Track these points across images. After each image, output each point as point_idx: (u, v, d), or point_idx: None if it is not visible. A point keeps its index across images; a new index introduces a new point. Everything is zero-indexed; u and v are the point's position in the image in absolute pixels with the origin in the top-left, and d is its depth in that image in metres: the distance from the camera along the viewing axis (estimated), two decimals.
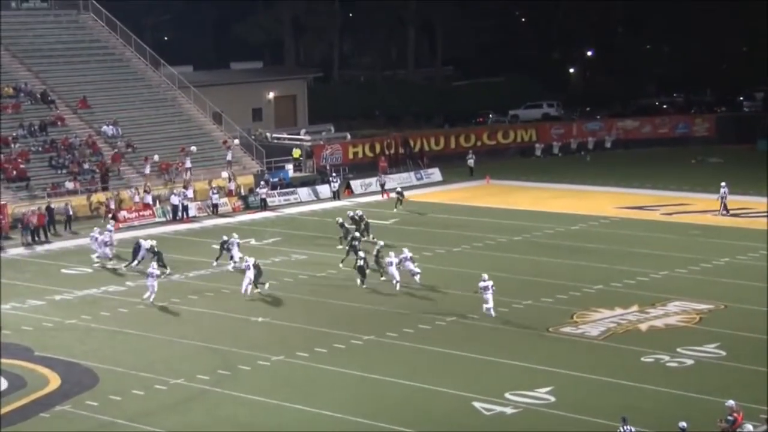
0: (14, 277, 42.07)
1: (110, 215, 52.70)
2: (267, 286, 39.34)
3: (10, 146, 56.86)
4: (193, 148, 60.23)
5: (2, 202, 51.25)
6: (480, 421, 26.92)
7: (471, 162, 66.87)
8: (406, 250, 40.42)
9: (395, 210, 51.73)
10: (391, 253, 40.31)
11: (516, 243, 47.22)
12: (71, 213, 52.44)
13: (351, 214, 47.81)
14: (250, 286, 38.71)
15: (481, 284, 35.65)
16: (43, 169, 56.75)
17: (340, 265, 42.85)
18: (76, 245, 49.24)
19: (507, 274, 39.62)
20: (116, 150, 59.44)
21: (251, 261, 39.24)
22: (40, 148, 57.69)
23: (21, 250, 48.08)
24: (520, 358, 31.35)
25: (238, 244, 43.35)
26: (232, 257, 42.86)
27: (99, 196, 55.16)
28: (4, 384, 29.91)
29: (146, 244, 43.37)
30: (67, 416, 27.57)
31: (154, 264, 40.05)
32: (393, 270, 39.33)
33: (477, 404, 27.79)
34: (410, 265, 39.84)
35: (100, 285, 41.11)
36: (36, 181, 55.41)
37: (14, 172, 55.00)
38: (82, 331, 35.44)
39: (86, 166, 57.32)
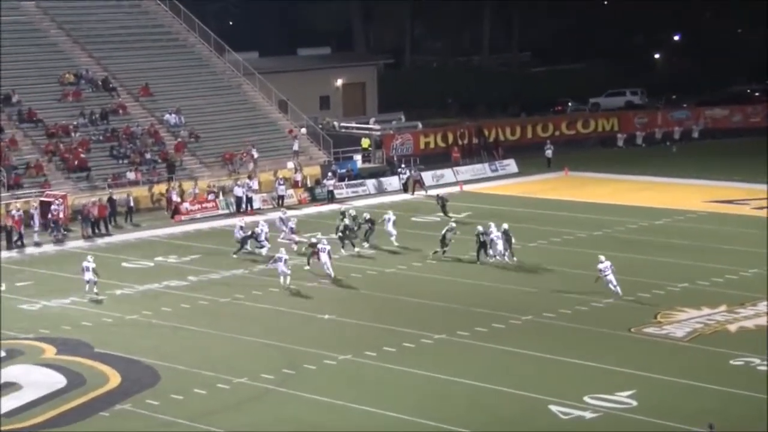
0: (75, 271, 42.62)
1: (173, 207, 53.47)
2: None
3: (71, 135, 57.72)
4: (254, 153, 59.97)
5: (62, 193, 52.04)
6: (557, 425, 26.72)
7: (549, 153, 66.42)
8: (505, 226, 42.74)
9: (451, 219, 49.44)
10: (491, 224, 42.72)
11: (596, 238, 46.81)
12: (132, 205, 53.07)
13: (343, 209, 47.98)
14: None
15: (600, 266, 36.84)
16: (104, 159, 57.53)
17: (433, 255, 43.36)
18: (137, 238, 49.85)
19: (586, 271, 39.28)
20: (179, 139, 60.04)
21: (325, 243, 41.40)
22: (101, 137, 58.49)
23: (81, 243, 48.77)
24: (600, 359, 31.06)
25: (394, 221, 45.77)
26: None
27: (161, 188, 55.77)
28: (63, 381, 30.37)
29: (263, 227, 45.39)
30: (127, 415, 27.91)
31: (283, 249, 40.78)
32: (498, 242, 41.89)
33: (554, 408, 27.59)
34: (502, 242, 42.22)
35: (161, 280, 41.57)
36: (97, 171, 56.18)
37: (75, 162, 55.81)
38: (143, 327, 35.88)
39: (148, 156, 57.99)
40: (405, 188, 59.33)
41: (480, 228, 42.88)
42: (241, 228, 45.65)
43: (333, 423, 27.23)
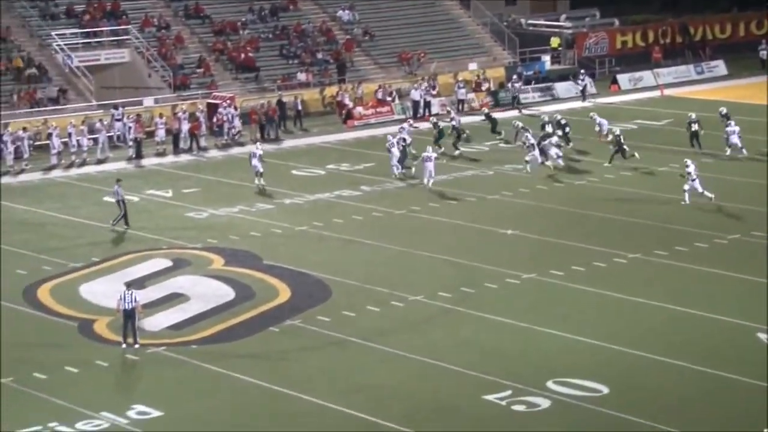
0: (243, 178, 43.86)
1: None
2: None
3: (239, 32, 58.84)
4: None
5: (230, 95, 53.26)
6: (765, 354, 26.28)
7: (764, 53, 64.48)
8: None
9: (433, 147, 45.23)
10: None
11: None
12: (300, 108, 53.91)
13: (518, 124, 47.85)
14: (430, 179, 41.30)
15: (689, 170, 37.90)
16: (274, 59, 58.51)
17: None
18: (307, 144, 50.73)
19: None
20: (351, 37, 60.47)
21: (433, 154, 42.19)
22: (270, 35, 59.42)
23: (249, 148, 49.76)
24: None
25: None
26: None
27: (332, 90, 56.45)
28: (232, 294, 31.44)
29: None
30: (298, 332, 28.74)
31: (430, 147, 42.63)
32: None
33: (762, 336, 27.16)
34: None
35: (332, 189, 42.31)
36: (266, 71, 57.21)
37: (242, 59, 56.67)
38: (313, 238, 36.70)
39: (320, 55, 58.67)
40: (583, 95, 58.28)
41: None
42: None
43: (515, 346, 27.46)
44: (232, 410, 24.36)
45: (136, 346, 27.63)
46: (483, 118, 51.08)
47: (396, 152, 43.43)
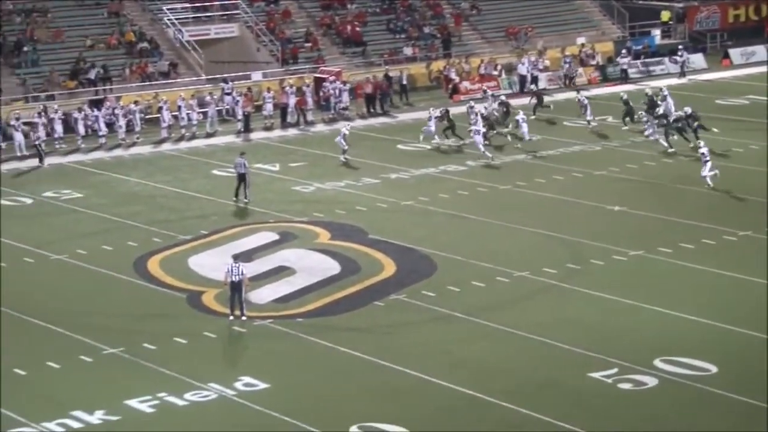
0: (349, 152, 43.92)
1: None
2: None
3: (347, 7, 58.89)
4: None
5: (337, 69, 53.37)
6: None
7: None
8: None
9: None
10: None
11: None
12: (405, 82, 53.77)
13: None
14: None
15: (701, 151, 37.79)
16: (381, 33, 58.46)
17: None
18: (413, 119, 50.60)
19: None
20: (458, 11, 60.15)
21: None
22: (377, 10, 59.37)
23: (356, 123, 49.91)
24: None
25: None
26: None
27: (439, 64, 56.28)
28: (337, 267, 31.56)
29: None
30: (402, 306, 28.75)
31: (480, 122, 43.28)
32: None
33: None
34: None
35: (438, 164, 42.22)
36: (373, 46, 57.20)
37: (349, 33, 56.64)
38: (419, 213, 36.66)
39: (426, 30, 58.48)
40: (683, 71, 57.18)
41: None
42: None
43: (621, 324, 27.15)
44: (337, 383, 24.49)
45: (243, 318, 27.91)
46: (531, 97, 50.15)
47: (432, 124, 44.72)
